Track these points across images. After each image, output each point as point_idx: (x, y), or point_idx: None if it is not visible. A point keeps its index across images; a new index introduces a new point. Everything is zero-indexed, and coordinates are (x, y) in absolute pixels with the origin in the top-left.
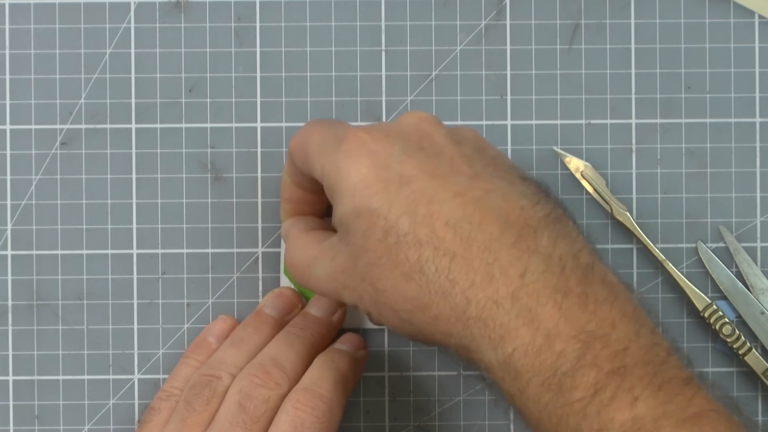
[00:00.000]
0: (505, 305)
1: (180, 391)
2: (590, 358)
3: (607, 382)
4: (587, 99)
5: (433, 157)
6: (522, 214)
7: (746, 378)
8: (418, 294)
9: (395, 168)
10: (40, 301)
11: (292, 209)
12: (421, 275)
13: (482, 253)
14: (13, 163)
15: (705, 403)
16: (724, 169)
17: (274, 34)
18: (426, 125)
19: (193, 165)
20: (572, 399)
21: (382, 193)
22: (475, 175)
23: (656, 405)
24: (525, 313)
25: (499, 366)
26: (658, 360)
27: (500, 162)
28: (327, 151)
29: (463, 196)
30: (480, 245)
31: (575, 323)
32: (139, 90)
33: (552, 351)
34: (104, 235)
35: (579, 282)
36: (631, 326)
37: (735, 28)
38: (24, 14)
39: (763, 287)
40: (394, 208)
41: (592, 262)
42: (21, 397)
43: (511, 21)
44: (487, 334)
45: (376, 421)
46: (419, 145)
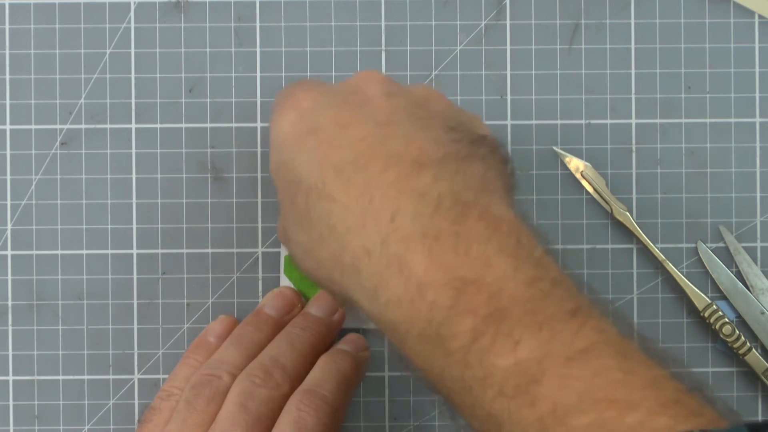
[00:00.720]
0: (376, 253)
1: (180, 390)
2: (464, 305)
3: (484, 327)
4: (587, 99)
5: (354, 107)
6: (415, 154)
7: (746, 378)
8: (305, 240)
9: (311, 120)
10: (40, 301)
11: None
12: (308, 221)
13: (360, 196)
14: (13, 163)
15: (593, 334)
16: (724, 169)
17: (274, 34)
18: (366, 81)
19: (193, 165)
20: (452, 349)
21: (292, 144)
22: (387, 122)
23: (538, 346)
24: (395, 261)
25: (377, 318)
26: (540, 295)
27: (437, 115)
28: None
29: (361, 141)
30: (358, 187)
31: (446, 269)
32: (139, 90)
33: (425, 301)
34: (104, 235)
35: (453, 221)
36: (509, 262)
37: (735, 28)
38: (24, 14)
39: (763, 287)
40: (297, 158)
41: (476, 198)
42: (21, 397)
43: (511, 21)
44: (361, 284)
45: (376, 421)
46: (346, 98)
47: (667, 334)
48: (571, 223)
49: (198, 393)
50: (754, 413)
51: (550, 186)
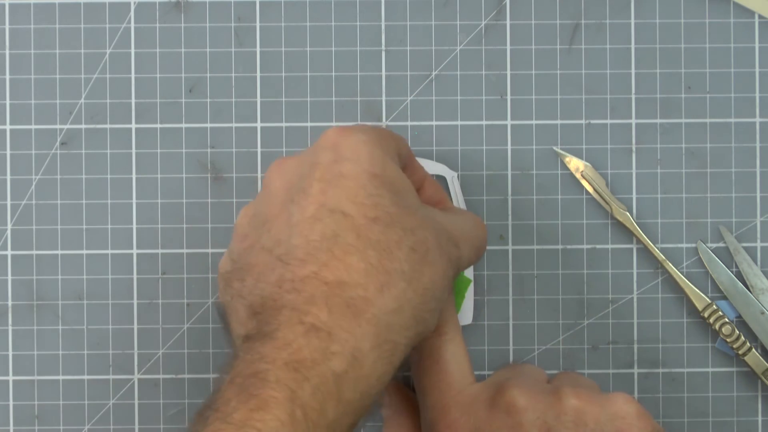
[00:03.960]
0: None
1: None
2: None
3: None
4: (587, 99)
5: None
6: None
7: (746, 378)
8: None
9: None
10: (40, 301)
11: None
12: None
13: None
14: (13, 163)
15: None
16: (724, 169)
17: (274, 34)
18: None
19: (193, 165)
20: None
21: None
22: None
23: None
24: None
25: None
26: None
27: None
28: None
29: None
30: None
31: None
32: (139, 90)
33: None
34: (104, 235)
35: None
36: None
37: (735, 28)
38: (24, 14)
39: (763, 287)
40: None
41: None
42: (21, 397)
43: (511, 21)
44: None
45: (376, 421)
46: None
47: (667, 334)
48: (571, 223)
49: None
50: (754, 413)
51: (550, 186)
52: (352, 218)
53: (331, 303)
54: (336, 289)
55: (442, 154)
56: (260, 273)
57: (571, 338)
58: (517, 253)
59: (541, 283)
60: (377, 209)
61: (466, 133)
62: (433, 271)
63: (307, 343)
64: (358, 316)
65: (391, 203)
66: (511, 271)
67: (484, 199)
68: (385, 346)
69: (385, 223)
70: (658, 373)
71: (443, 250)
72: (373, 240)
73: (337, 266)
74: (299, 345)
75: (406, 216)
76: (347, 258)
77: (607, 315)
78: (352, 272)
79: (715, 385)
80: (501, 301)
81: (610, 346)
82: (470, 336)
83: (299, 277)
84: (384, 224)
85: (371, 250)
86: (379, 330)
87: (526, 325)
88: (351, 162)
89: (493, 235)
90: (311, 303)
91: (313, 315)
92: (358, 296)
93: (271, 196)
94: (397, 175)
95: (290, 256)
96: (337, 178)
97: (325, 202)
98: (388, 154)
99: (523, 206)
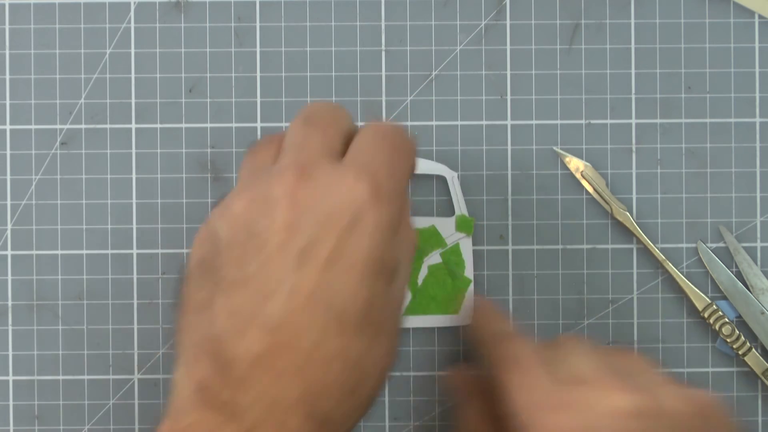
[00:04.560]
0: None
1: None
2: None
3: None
4: (587, 99)
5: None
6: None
7: (746, 378)
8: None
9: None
10: (40, 301)
11: None
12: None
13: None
14: (13, 163)
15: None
16: (724, 169)
17: (274, 34)
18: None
19: (193, 165)
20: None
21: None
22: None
23: None
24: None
25: None
26: None
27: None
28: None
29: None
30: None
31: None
32: (139, 90)
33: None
34: (104, 235)
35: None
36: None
37: (735, 28)
38: (24, 14)
39: (763, 287)
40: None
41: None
42: (21, 397)
43: (511, 21)
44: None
45: (376, 421)
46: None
47: (667, 334)
48: (571, 223)
49: (316, 113)
50: (754, 413)
51: (550, 186)
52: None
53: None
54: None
55: (442, 154)
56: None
57: None
58: (517, 253)
59: (541, 283)
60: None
61: (466, 133)
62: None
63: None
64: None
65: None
66: (511, 271)
67: (484, 199)
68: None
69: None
70: None
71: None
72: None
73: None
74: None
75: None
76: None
77: (607, 315)
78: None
79: (715, 385)
80: (501, 301)
81: (610, 346)
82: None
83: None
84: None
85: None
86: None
87: (526, 325)
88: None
89: (493, 235)
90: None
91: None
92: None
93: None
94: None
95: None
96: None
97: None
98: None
99: (523, 206)
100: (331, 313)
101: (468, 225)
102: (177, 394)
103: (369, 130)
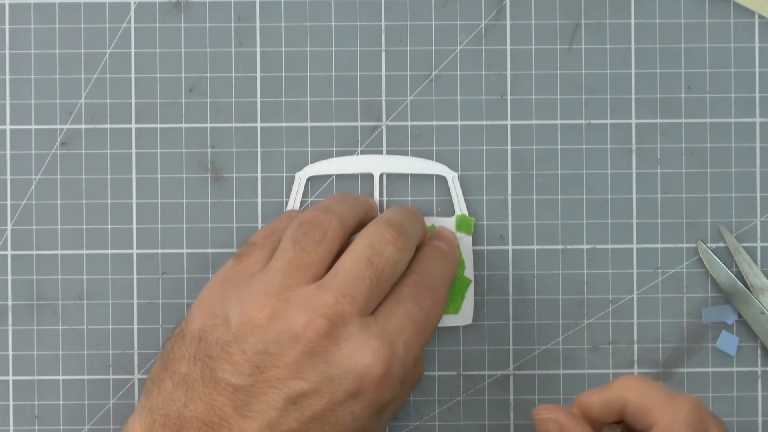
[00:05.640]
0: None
1: (283, 231)
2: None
3: None
4: (587, 99)
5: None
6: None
7: (746, 378)
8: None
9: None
10: (40, 301)
11: None
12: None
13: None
14: (13, 163)
15: None
16: (724, 169)
17: (274, 34)
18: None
19: (193, 165)
20: None
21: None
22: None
23: None
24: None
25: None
26: None
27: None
28: None
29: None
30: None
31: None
32: (139, 90)
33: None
34: (104, 235)
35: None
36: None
37: (735, 28)
38: (24, 14)
39: (763, 287)
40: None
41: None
42: (21, 397)
43: (511, 21)
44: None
45: None
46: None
47: (667, 334)
48: (572, 223)
49: (307, 232)
50: (754, 413)
51: (550, 186)
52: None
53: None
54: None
55: (442, 154)
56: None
57: (571, 338)
58: (517, 253)
59: (541, 283)
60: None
61: (466, 133)
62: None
63: None
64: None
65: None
66: (511, 271)
67: (484, 199)
68: None
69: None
70: (658, 373)
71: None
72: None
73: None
74: None
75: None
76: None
77: (607, 315)
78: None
79: (715, 385)
80: (501, 301)
81: (610, 346)
82: (470, 336)
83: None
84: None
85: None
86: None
87: (526, 325)
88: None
89: (493, 235)
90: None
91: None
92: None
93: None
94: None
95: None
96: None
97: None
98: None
99: (523, 206)
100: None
101: (468, 225)
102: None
103: (410, 283)
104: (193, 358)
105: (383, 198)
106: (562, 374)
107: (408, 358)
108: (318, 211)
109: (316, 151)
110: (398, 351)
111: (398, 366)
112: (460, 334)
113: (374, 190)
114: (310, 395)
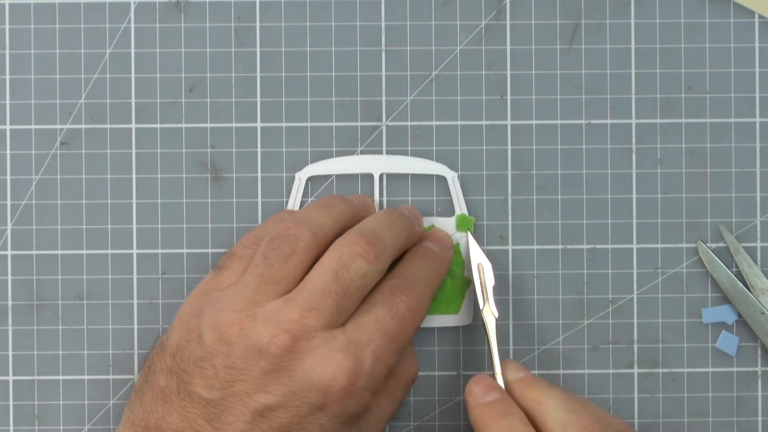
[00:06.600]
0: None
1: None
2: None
3: None
4: (587, 99)
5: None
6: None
7: (746, 378)
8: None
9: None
10: (40, 301)
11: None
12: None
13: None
14: (13, 163)
15: None
16: (724, 169)
17: (274, 34)
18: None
19: (193, 165)
20: None
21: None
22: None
23: None
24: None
25: None
26: None
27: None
28: None
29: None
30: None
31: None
32: (139, 90)
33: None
34: (104, 235)
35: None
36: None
37: (735, 28)
38: (24, 14)
39: (763, 287)
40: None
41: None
42: (21, 397)
43: (511, 21)
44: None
45: None
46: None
47: (667, 334)
48: (572, 223)
49: (276, 248)
50: (754, 413)
51: (550, 186)
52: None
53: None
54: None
55: (442, 154)
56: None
57: (571, 338)
58: (517, 253)
59: (541, 283)
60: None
61: (466, 133)
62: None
63: None
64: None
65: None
66: (511, 271)
67: (484, 199)
68: None
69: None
70: (658, 373)
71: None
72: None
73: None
74: None
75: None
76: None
77: (607, 315)
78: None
79: (715, 385)
80: (501, 301)
81: (610, 346)
82: (470, 336)
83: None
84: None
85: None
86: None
87: (526, 325)
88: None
89: (493, 235)
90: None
91: None
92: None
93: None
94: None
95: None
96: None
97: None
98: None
99: (523, 206)
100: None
101: (468, 224)
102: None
103: (386, 289)
104: (170, 371)
105: (383, 198)
106: (562, 374)
107: (377, 367)
108: (291, 223)
109: (316, 151)
110: (364, 362)
111: (364, 377)
112: (460, 334)
113: (374, 190)
114: (276, 408)
